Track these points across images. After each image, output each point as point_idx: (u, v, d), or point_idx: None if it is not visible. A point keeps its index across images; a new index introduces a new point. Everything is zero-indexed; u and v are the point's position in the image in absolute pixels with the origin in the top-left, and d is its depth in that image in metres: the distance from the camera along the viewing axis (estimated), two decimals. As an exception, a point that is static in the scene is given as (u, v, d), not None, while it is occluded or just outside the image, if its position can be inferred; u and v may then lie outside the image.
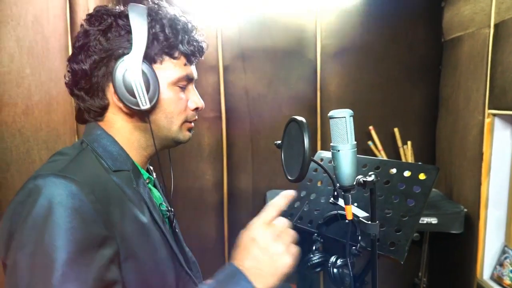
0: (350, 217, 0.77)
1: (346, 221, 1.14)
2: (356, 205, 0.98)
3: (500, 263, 1.82)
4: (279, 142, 0.82)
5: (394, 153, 2.21)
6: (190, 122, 0.79)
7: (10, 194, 1.12)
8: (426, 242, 2.11)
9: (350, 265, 1.02)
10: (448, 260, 2.15)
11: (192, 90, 0.78)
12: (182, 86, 0.75)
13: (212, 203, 2.36)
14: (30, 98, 1.23)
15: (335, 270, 1.00)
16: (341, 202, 0.92)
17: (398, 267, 2.32)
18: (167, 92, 0.73)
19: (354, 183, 0.75)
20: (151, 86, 0.69)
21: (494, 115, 1.75)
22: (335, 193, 0.93)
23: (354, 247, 1.01)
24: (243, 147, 2.31)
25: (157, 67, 0.71)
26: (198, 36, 0.76)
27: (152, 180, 0.83)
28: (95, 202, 0.60)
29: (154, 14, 0.71)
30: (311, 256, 1.08)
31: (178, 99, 0.74)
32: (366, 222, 0.80)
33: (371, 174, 0.76)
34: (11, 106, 1.15)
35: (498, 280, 1.80)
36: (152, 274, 0.68)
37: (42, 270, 0.54)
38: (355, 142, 0.73)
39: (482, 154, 1.79)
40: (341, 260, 1.02)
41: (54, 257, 0.54)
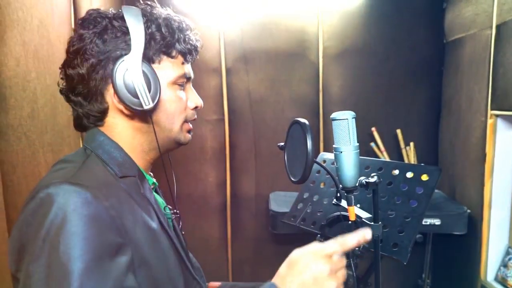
0: (353, 218, 0.77)
1: (349, 222, 1.15)
2: (359, 206, 0.99)
3: (504, 264, 1.81)
4: (282, 144, 0.83)
5: (396, 154, 2.21)
6: (189, 122, 0.79)
7: (16, 197, 1.13)
8: (430, 243, 2.11)
9: (353, 266, 1.02)
10: (451, 261, 2.14)
11: (190, 89, 0.79)
12: (181, 84, 0.75)
13: (215, 205, 2.37)
14: (35, 102, 1.25)
15: (338, 271, 1.00)
16: (344, 203, 0.93)
17: (401, 269, 2.32)
18: (167, 91, 0.73)
19: (357, 184, 0.76)
20: (152, 86, 0.69)
21: (497, 116, 1.75)
22: (338, 194, 0.94)
23: (357, 248, 1.01)
24: (246, 149, 2.32)
25: (155, 67, 0.71)
26: (193, 35, 0.77)
27: (156, 185, 0.82)
28: (110, 208, 0.59)
29: (149, 15, 0.71)
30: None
31: (178, 98, 0.74)
32: (369, 223, 0.80)
33: (374, 175, 0.77)
34: (17, 109, 1.16)
35: (503, 281, 1.79)
36: (163, 281, 0.68)
37: (59, 282, 0.52)
38: (358, 144, 0.73)
39: (485, 155, 1.79)
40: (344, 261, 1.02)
41: (70, 267, 0.53)
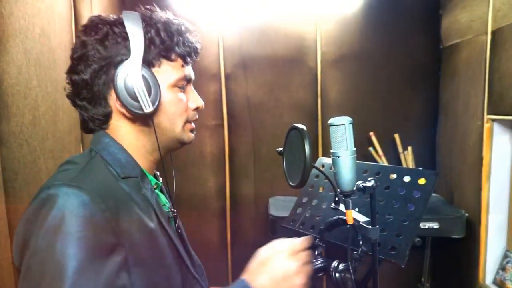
0: (350, 221, 0.79)
1: (347, 226, 1.16)
2: (357, 210, 1.00)
3: (502, 268, 1.82)
4: (281, 149, 0.85)
5: (394, 158, 2.23)
6: (191, 122, 0.80)
7: (18, 203, 1.14)
8: (428, 247, 2.12)
9: (352, 269, 1.03)
10: (450, 265, 2.15)
11: (191, 90, 0.80)
12: (181, 86, 0.77)
13: (214, 210, 2.38)
14: (37, 109, 1.26)
15: (337, 275, 1.01)
16: (342, 207, 0.94)
17: (401, 273, 2.32)
18: (168, 94, 0.74)
19: (354, 189, 0.77)
20: (152, 89, 0.71)
21: (493, 120, 1.77)
22: (336, 198, 0.95)
23: (355, 252, 1.02)
24: (245, 154, 2.33)
25: (155, 71, 0.73)
26: (193, 37, 0.78)
27: (159, 185, 0.84)
28: (105, 211, 0.62)
29: (148, 19, 0.73)
30: (314, 261, 1.09)
31: (178, 100, 0.76)
32: (367, 226, 0.81)
33: (371, 179, 0.78)
34: (19, 116, 1.17)
35: (501, 284, 1.80)
36: (159, 279, 0.69)
37: (54, 277, 0.56)
38: (355, 149, 0.75)
39: (482, 158, 1.81)
40: (343, 264, 1.03)
41: (65, 264, 0.56)
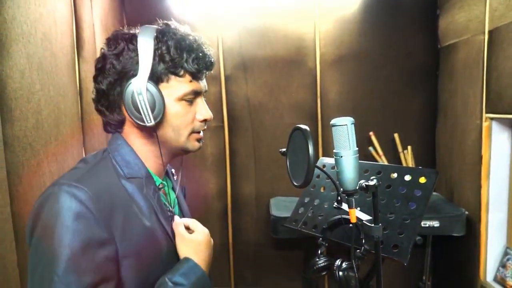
0: (354, 220, 0.80)
1: (349, 225, 1.17)
2: (359, 209, 1.02)
3: (503, 265, 1.83)
4: (284, 150, 0.86)
5: (394, 158, 2.25)
6: (198, 132, 0.84)
7: (22, 207, 1.15)
8: (429, 245, 2.13)
9: (356, 267, 1.04)
10: (451, 263, 2.16)
11: (200, 102, 0.84)
12: (188, 99, 0.81)
13: (216, 211, 2.39)
14: (40, 113, 1.27)
15: (341, 273, 1.03)
16: (344, 206, 0.95)
17: (402, 271, 2.34)
18: (174, 106, 0.79)
19: (357, 188, 0.78)
20: (157, 104, 0.76)
21: (492, 119, 1.78)
22: (339, 197, 0.97)
23: (358, 250, 1.04)
24: (246, 155, 2.34)
25: (163, 85, 0.78)
26: (205, 52, 0.81)
27: (166, 185, 0.89)
28: (100, 209, 0.70)
29: (161, 36, 0.78)
30: (317, 260, 1.10)
31: (185, 113, 0.81)
32: (370, 225, 0.83)
33: (373, 178, 0.80)
34: (22, 121, 1.18)
35: (502, 281, 1.82)
36: (152, 270, 0.76)
37: (51, 261, 0.65)
38: (357, 148, 0.76)
39: (481, 157, 1.82)
40: (346, 263, 1.04)
41: (60, 252, 0.65)
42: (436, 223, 1.87)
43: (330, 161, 1.34)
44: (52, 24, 1.37)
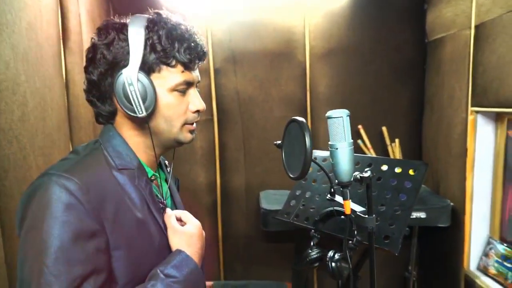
0: (348, 211, 0.81)
1: (341, 217, 1.19)
2: (350, 201, 1.03)
3: (485, 254, 1.89)
4: (279, 142, 0.86)
5: (382, 151, 2.28)
6: (191, 124, 0.83)
7: (9, 201, 1.12)
8: (415, 236, 2.18)
9: (348, 258, 1.06)
10: (436, 253, 2.22)
11: (193, 93, 0.82)
12: (181, 90, 0.79)
13: (205, 204, 2.38)
14: (25, 105, 1.24)
15: (333, 264, 1.04)
16: (338, 198, 0.96)
17: (388, 262, 2.39)
18: (166, 97, 0.78)
19: (352, 179, 0.79)
20: (148, 95, 0.75)
21: (477, 112, 1.82)
22: (332, 189, 0.98)
23: (350, 241, 1.05)
24: (236, 149, 2.34)
25: (155, 76, 0.77)
26: (198, 42, 0.80)
27: (158, 176, 0.88)
28: (90, 201, 0.69)
29: (152, 26, 0.76)
30: (310, 251, 1.12)
31: (177, 104, 0.79)
32: (363, 216, 0.84)
33: (367, 170, 0.80)
34: (8, 113, 1.15)
35: (484, 270, 1.88)
36: (143, 262, 0.76)
37: (40, 252, 0.65)
38: (352, 140, 0.77)
39: (466, 150, 1.87)
40: (338, 254, 1.06)
41: (49, 243, 0.64)
42: (422, 214, 1.91)
43: (321, 153, 1.35)
44: (37, 13, 1.33)
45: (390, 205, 1.14)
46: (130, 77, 0.73)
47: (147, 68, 0.75)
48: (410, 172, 1.17)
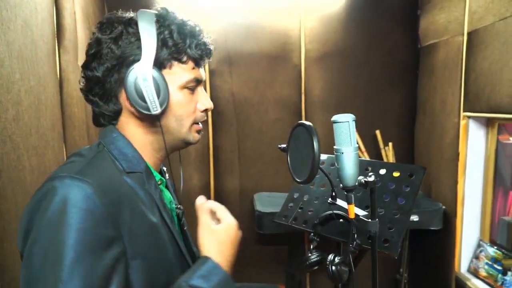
0: (352, 215, 0.81)
1: (340, 220, 1.19)
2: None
3: (476, 256, 1.93)
4: (284, 146, 0.86)
5: (376, 154, 2.30)
6: (198, 123, 0.81)
7: (3, 202, 1.09)
8: (407, 239, 2.21)
9: (347, 262, 1.06)
10: (428, 255, 2.25)
11: (201, 91, 0.80)
12: (191, 88, 0.77)
13: (199, 207, 2.36)
14: (20, 104, 1.21)
15: (334, 268, 1.04)
16: (339, 202, 0.97)
17: (379, 264, 2.40)
18: (177, 95, 0.75)
19: (356, 184, 0.79)
20: (161, 92, 0.72)
21: (469, 118, 1.86)
22: (333, 193, 0.98)
23: (350, 245, 1.06)
24: (230, 150, 2.33)
25: (166, 72, 0.74)
26: (205, 39, 0.78)
27: (164, 181, 0.85)
28: (107, 204, 0.63)
29: (162, 20, 0.73)
30: (309, 255, 1.12)
31: (187, 102, 0.77)
32: (367, 220, 0.84)
33: (371, 174, 0.81)
34: (2, 112, 1.12)
35: (475, 272, 1.91)
36: (159, 272, 0.71)
37: (53, 265, 0.58)
38: (357, 145, 0.77)
39: (458, 154, 1.90)
40: (338, 257, 1.06)
41: (64, 255, 0.58)
42: (415, 217, 1.94)
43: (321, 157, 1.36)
44: (33, 10, 1.30)
45: (389, 208, 1.15)
46: (144, 72, 0.70)
47: (158, 64, 0.72)
48: (409, 176, 1.19)
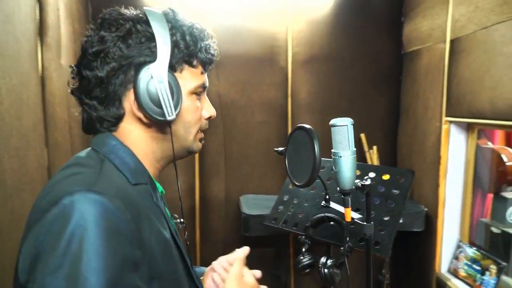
0: (349, 218, 0.82)
1: (331, 223, 1.20)
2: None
3: (455, 257, 1.99)
4: (281, 149, 0.85)
5: (360, 157, 2.34)
6: (202, 131, 0.78)
7: (-18, 206, 1.04)
8: (390, 240, 2.25)
9: (339, 264, 1.07)
10: (410, 256, 2.30)
11: (205, 98, 0.77)
12: (198, 93, 0.74)
13: (184, 209, 2.32)
14: (1, 103, 1.15)
15: (326, 270, 1.05)
16: (333, 205, 0.97)
17: (362, 266, 2.44)
18: (186, 101, 0.71)
19: (353, 187, 0.80)
20: (175, 96, 0.67)
21: (451, 122, 1.92)
22: (327, 196, 0.98)
23: (342, 248, 1.06)
24: (216, 153, 2.31)
25: (177, 76, 0.69)
26: (213, 43, 0.75)
27: (163, 194, 0.80)
28: (130, 221, 0.57)
29: (173, 21, 0.69)
30: (301, 258, 1.12)
31: (195, 108, 0.73)
32: (362, 223, 0.85)
33: (367, 178, 0.82)
34: (-18, 111, 1.07)
35: (454, 272, 1.97)
36: None
37: None
38: (355, 149, 0.78)
39: (439, 158, 1.96)
40: (331, 260, 1.07)
41: (92, 281, 0.50)
42: (400, 220, 1.97)
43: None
44: (15, 5, 1.25)
45: (379, 211, 1.16)
46: (161, 75, 0.64)
47: (170, 67, 0.67)
48: (398, 179, 1.21)
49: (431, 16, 2.03)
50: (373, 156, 2.26)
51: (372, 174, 1.25)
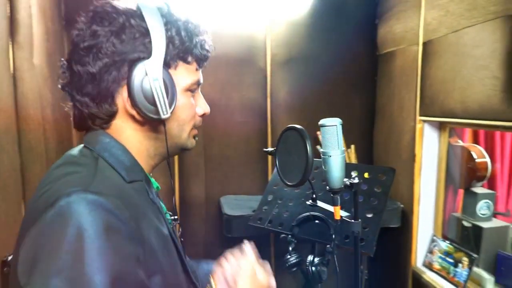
0: (338, 217, 0.84)
1: (316, 221, 1.22)
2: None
3: (430, 251, 2.07)
4: (271, 149, 0.86)
5: (338, 156, 2.38)
6: (196, 128, 0.77)
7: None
8: (368, 237, 2.31)
9: (326, 262, 1.09)
10: (387, 252, 2.38)
11: (199, 95, 0.77)
12: (193, 90, 0.73)
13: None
14: (-29, 104, 1.09)
15: (313, 268, 1.07)
16: (320, 203, 0.99)
17: (340, 262, 2.50)
18: (181, 98, 0.70)
19: (343, 186, 0.82)
20: (170, 93, 0.66)
21: (424, 122, 2.00)
22: (314, 195, 1.00)
23: (328, 245, 1.09)
24: (196, 154, 2.29)
25: (171, 73, 0.68)
26: (208, 39, 0.74)
27: (158, 190, 0.80)
28: (130, 219, 0.57)
29: (168, 16, 0.68)
30: (288, 257, 1.13)
31: (190, 106, 0.72)
32: (350, 221, 0.87)
33: (355, 176, 0.84)
34: (-49, 113, 1.01)
35: (429, 266, 2.05)
36: (176, 286, 0.67)
37: None
38: (344, 148, 0.80)
39: (414, 156, 2.03)
40: (318, 259, 1.09)
41: (96, 280, 0.50)
42: (382, 216, 2.03)
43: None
44: (-15, 2, 1.19)
45: (362, 209, 1.19)
46: (155, 72, 0.63)
47: (164, 63, 0.66)
48: (380, 177, 1.24)
49: (404, 19, 2.10)
50: (351, 155, 2.31)
51: (354, 173, 1.28)
